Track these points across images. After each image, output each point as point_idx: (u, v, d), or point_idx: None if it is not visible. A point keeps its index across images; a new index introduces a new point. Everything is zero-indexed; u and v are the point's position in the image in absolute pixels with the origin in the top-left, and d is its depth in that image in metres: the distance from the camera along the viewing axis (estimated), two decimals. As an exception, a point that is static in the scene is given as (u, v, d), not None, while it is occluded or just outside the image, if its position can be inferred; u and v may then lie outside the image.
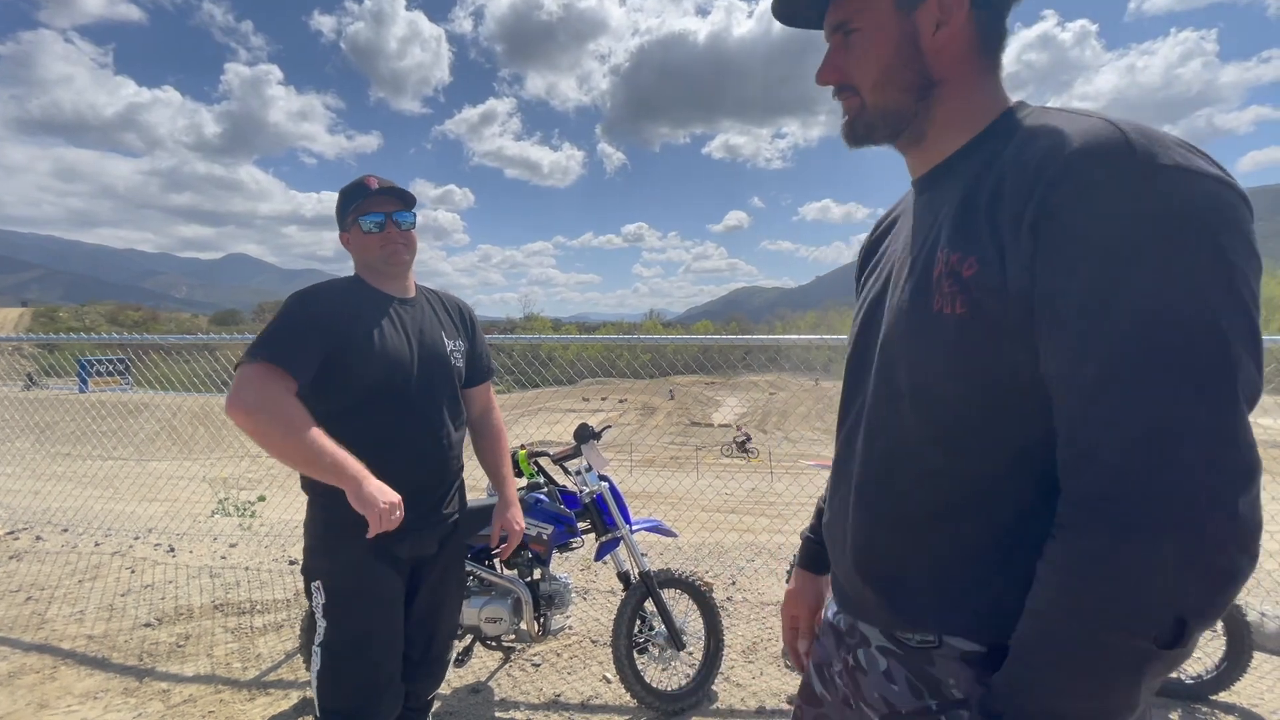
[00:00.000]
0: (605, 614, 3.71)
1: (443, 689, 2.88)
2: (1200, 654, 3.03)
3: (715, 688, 2.89)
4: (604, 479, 2.85)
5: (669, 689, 2.74)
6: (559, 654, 3.27)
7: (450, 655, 2.11)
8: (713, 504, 10.55)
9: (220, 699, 2.82)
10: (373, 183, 1.84)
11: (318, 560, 1.77)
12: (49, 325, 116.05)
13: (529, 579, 2.73)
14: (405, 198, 1.86)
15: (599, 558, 2.81)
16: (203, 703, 2.78)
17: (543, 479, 2.91)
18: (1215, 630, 3.06)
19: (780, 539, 5.98)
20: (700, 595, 2.83)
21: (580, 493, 2.82)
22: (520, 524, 2.07)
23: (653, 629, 2.76)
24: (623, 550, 2.82)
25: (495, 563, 2.73)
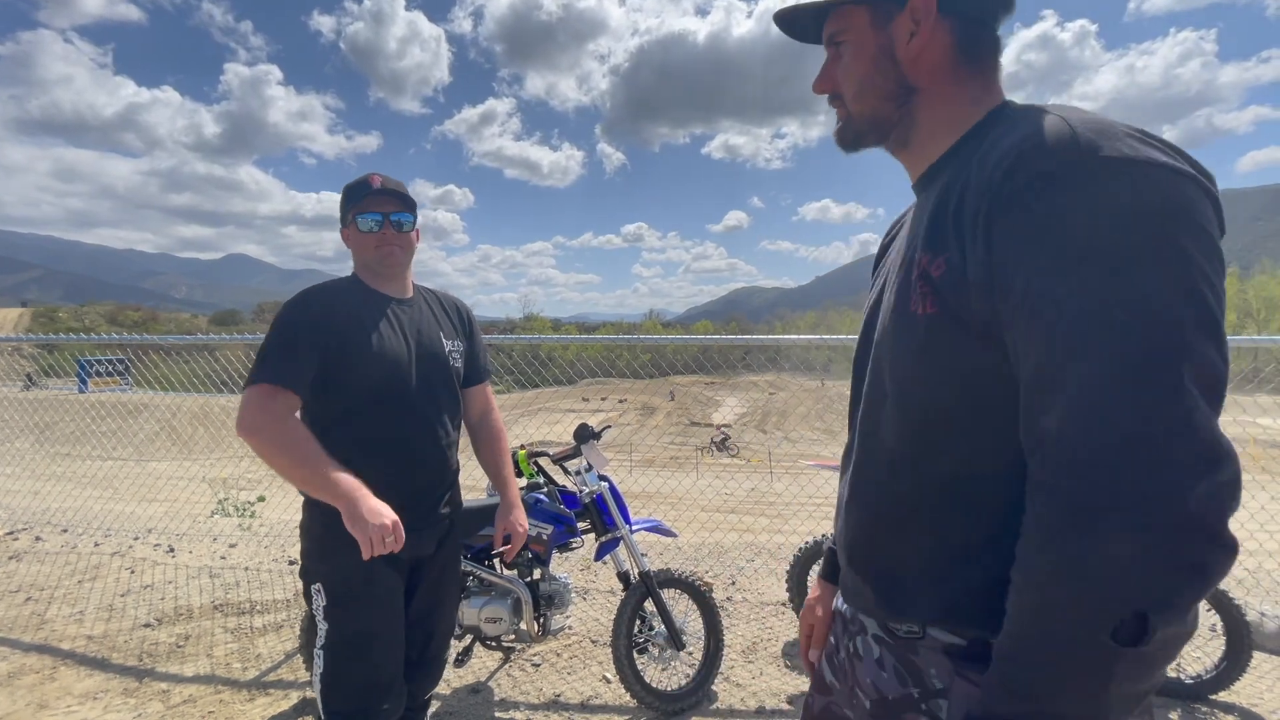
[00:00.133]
0: (605, 614, 3.71)
1: (442, 689, 2.88)
2: (1200, 654, 3.03)
3: (715, 688, 2.89)
4: (604, 479, 2.85)
5: (669, 689, 2.74)
6: (559, 654, 3.27)
7: (447, 654, 2.11)
8: (712, 504, 10.55)
9: (220, 699, 2.82)
10: (375, 181, 1.83)
11: (317, 563, 1.77)
12: (48, 325, 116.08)
13: (529, 579, 2.73)
14: (405, 199, 1.86)
15: (599, 558, 2.82)
16: (202, 703, 2.78)
17: (542, 479, 2.91)
18: (1215, 630, 3.07)
19: (780, 539, 5.98)
20: (700, 595, 2.83)
21: (580, 493, 2.82)
22: (524, 526, 2.06)
23: (653, 629, 2.76)
24: (622, 550, 2.82)
25: (495, 563, 2.73)
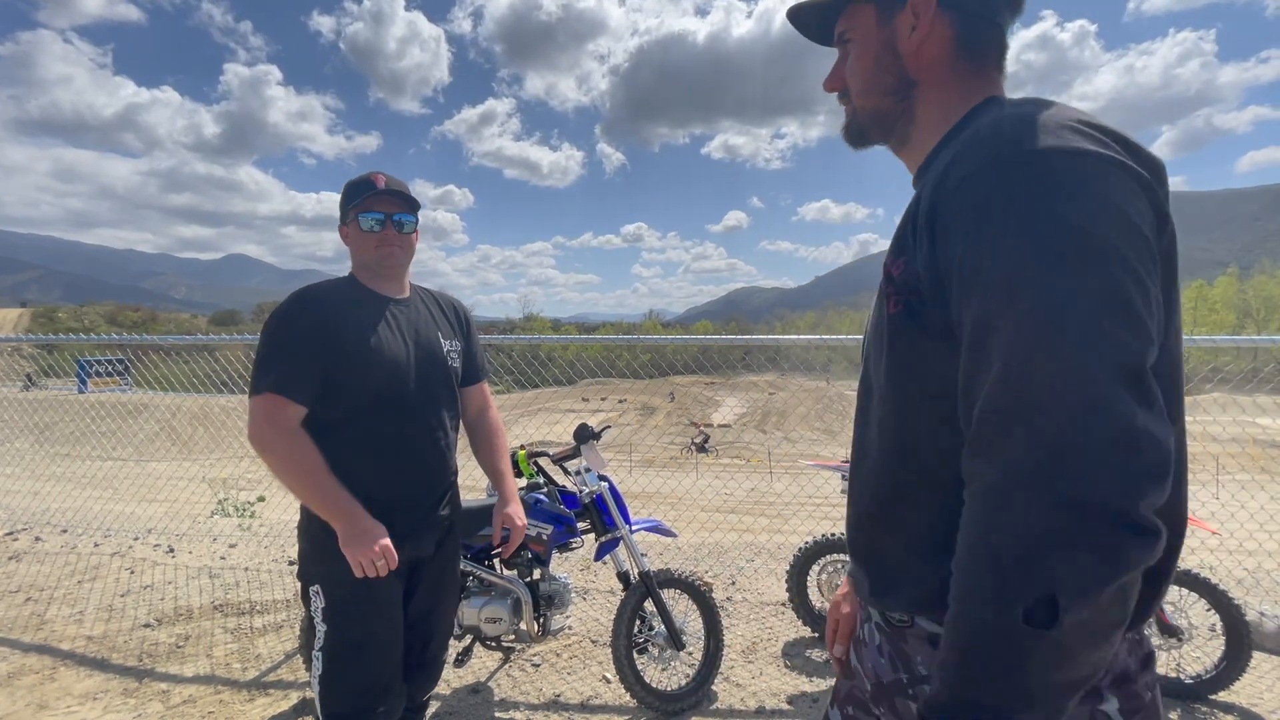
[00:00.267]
0: (605, 614, 3.71)
1: (442, 689, 2.88)
2: (1200, 654, 3.04)
3: (715, 688, 2.89)
4: (604, 479, 2.85)
5: (669, 689, 2.74)
6: (559, 654, 3.27)
7: (447, 655, 2.10)
8: (712, 504, 10.56)
9: (220, 699, 2.82)
10: (380, 181, 1.82)
11: (315, 565, 1.76)
12: (48, 326, 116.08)
13: (529, 579, 2.73)
14: (409, 200, 1.85)
15: (599, 558, 2.82)
16: (202, 703, 2.78)
17: (542, 479, 2.91)
18: (1215, 630, 3.07)
19: (780, 539, 5.98)
20: (700, 595, 2.83)
21: (580, 493, 2.82)
22: (522, 520, 2.05)
23: (652, 629, 2.76)
24: (622, 550, 2.82)
25: (495, 563, 2.73)
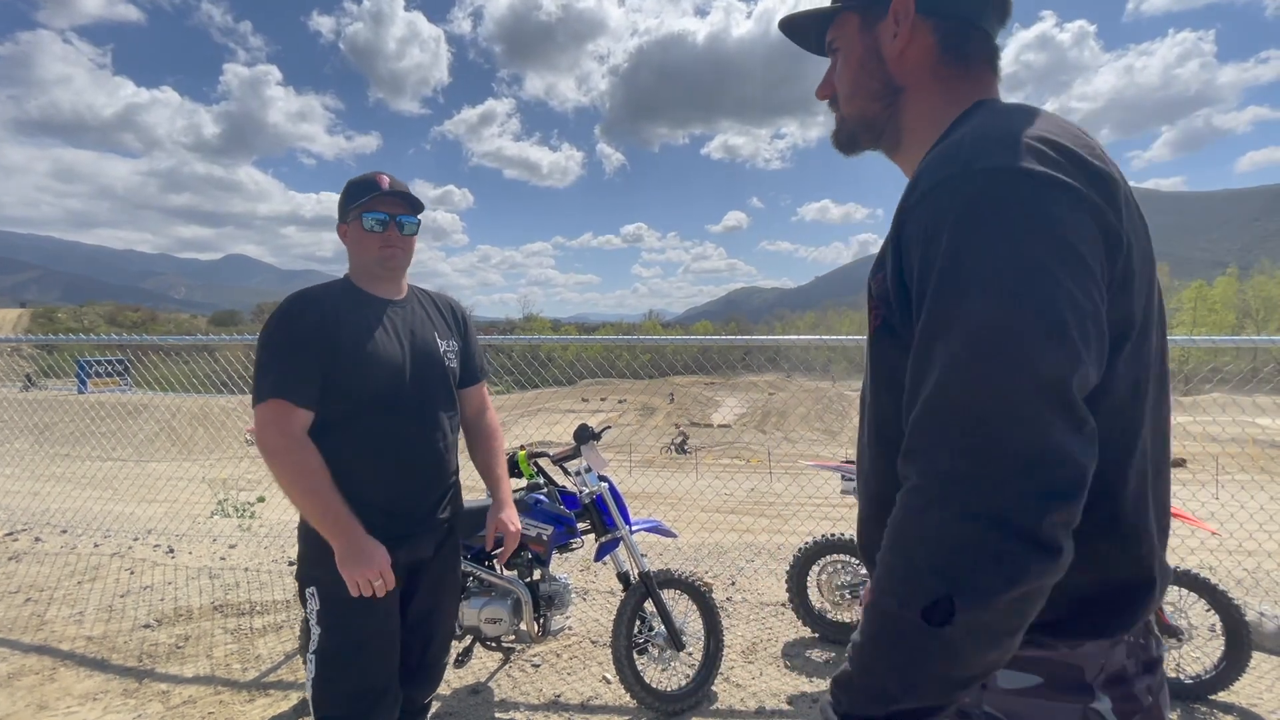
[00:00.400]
0: (605, 614, 3.71)
1: (442, 690, 2.88)
2: (1200, 654, 3.04)
3: (715, 688, 2.89)
4: (604, 479, 2.85)
5: (669, 689, 2.74)
6: (559, 655, 3.27)
7: (447, 659, 2.09)
8: (712, 504, 10.56)
9: (220, 700, 2.81)
10: (384, 181, 1.81)
11: (312, 567, 1.75)
12: (48, 326, 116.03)
13: (529, 580, 2.73)
14: (413, 202, 1.84)
15: (599, 558, 2.81)
16: (202, 704, 2.78)
17: (542, 480, 2.91)
18: (1215, 630, 3.07)
19: (780, 539, 5.99)
20: (700, 596, 2.83)
21: (580, 493, 2.82)
22: (515, 525, 2.04)
23: (652, 629, 2.76)
24: (622, 551, 2.82)
25: (495, 563, 2.73)
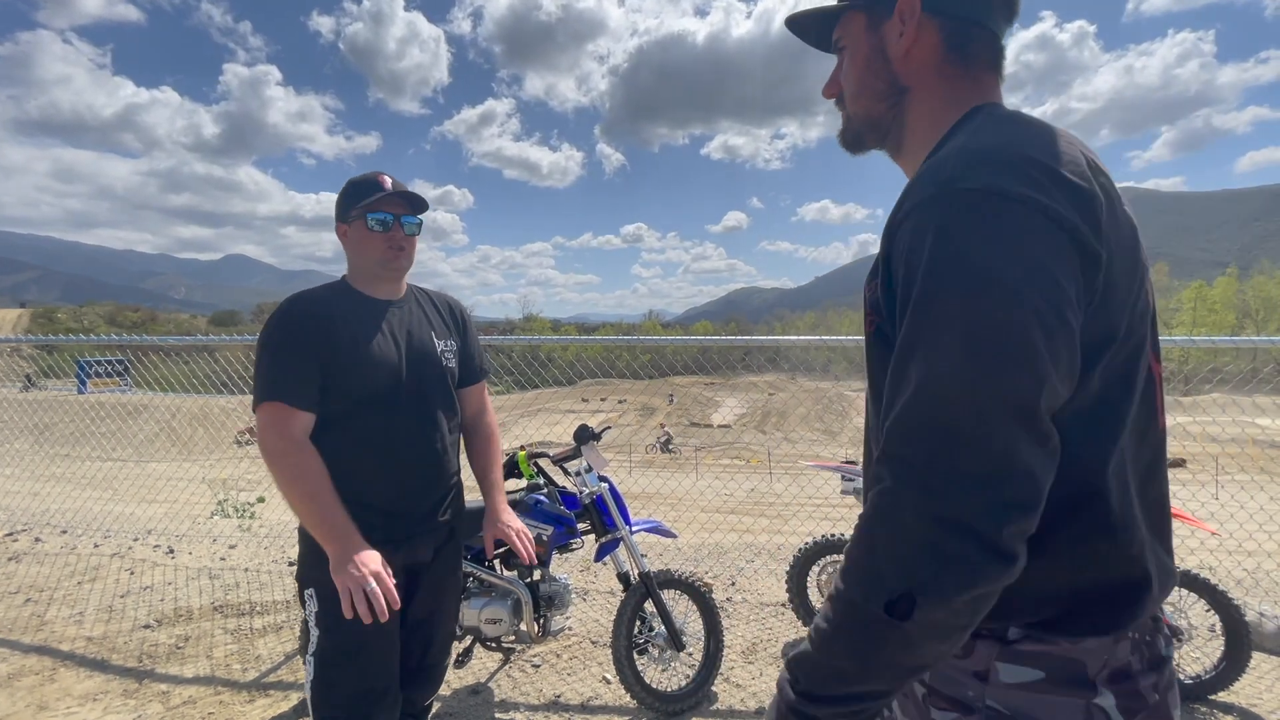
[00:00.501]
0: (605, 615, 3.71)
1: (443, 690, 2.88)
2: (1200, 654, 3.04)
3: (715, 688, 2.89)
4: (604, 480, 2.85)
5: (669, 690, 2.74)
6: (559, 655, 3.27)
7: (447, 661, 2.08)
8: (712, 505, 10.56)
9: (220, 700, 2.81)
10: (387, 182, 1.79)
11: (311, 568, 1.74)
12: (47, 326, 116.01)
13: (529, 580, 2.73)
14: (416, 203, 1.83)
15: (599, 559, 2.81)
16: (202, 704, 2.78)
17: (542, 480, 2.91)
18: (1215, 630, 3.07)
19: (780, 539, 5.99)
20: (700, 596, 2.83)
21: (580, 494, 2.82)
22: (516, 525, 2.03)
23: (652, 630, 2.76)
24: (622, 551, 2.82)
25: (495, 564, 2.73)
